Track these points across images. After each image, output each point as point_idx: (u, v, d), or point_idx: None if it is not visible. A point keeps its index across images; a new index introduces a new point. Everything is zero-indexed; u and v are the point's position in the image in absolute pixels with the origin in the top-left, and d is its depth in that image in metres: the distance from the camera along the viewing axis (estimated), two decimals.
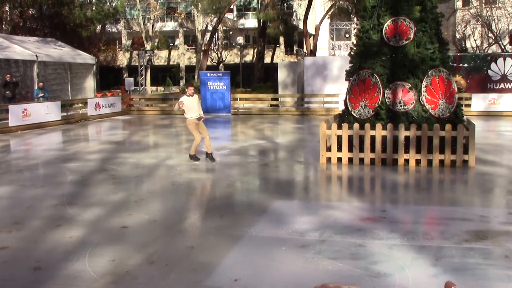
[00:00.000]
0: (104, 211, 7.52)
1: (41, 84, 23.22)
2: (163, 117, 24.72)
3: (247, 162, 11.84)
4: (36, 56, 24.61)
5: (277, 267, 5.29)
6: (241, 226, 6.62)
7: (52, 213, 7.50)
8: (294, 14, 49.68)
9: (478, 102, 23.85)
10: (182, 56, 54.68)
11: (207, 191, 9.25)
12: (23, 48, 24.71)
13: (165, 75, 57.52)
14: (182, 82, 51.16)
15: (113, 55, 55.83)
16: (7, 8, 34.44)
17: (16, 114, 18.89)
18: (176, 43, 59.62)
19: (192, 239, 6.23)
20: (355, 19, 40.01)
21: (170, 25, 59.34)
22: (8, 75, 22.19)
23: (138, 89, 36.63)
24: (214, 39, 48.67)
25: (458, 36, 43.49)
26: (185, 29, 56.27)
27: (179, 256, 5.62)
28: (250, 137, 16.65)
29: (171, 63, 57.80)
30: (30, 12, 35.23)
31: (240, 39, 60.73)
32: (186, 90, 11.82)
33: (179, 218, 7.16)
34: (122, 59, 58.15)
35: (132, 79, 35.94)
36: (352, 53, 12.12)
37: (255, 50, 47.49)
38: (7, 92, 21.90)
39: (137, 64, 39.27)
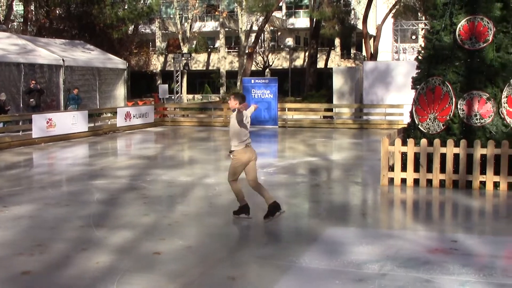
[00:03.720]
0: (134, 235, 7.69)
1: (76, 90, 24.08)
2: (200, 129, 25.05)
3: (296, 182, 11.87)
4: (63, 60, 25.43)
5: None
6: (288, 256, 6.65)
7: (77, 235, 7.72)
8: (352, 12, 49.71)
9: None
10: (223, 60, 55.40)
11: (250, 215, 9.30)
12: (48, 52, 25.60)
13: (203, 81, 58.36)
14: (223, 90, 51.79)
15: (146, 59, 57.07)
16: (32, 8, 35.79)
17: (40, 124, 19.53)
18: (216, 45, 60.46)
19: (233, 269, 6.29)
20: (423, 18, 39.67)
21: (210, 25, 60.26)
22: (33, 81, 22.96)
23: (173, 97, 37.26)
24: (259, 40, 49.14)
25: None
26: (227, 29, 57.05)
27: None
28: (299, 153, 16.68)
29: (210, 67, 58.58)
30: (57, 12, 36.53)
31: (290, 41, 61.06)
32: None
33: (217, 245, 7.24)
34: (156, 63, 59.32)
35: (166, 86, 36.64)
36: (419, 57, 12.05)
37: (307, 54, 47.67)
38: (31, 100, 22.67)
39: (172, 69, 40.02)
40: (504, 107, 10.86)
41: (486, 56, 11.07)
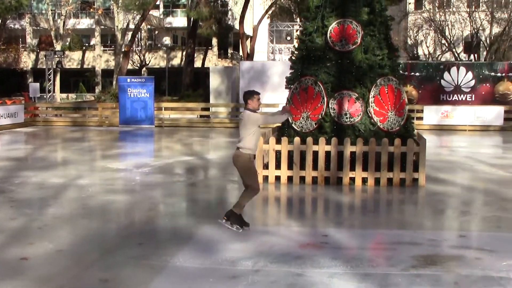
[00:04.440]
0: (0, 240, 7.29)
1: None
2: (74, 129, 24.24)
3: (172, 182, 11.79)
4: None
5: None
6: (162, 255, 6.58)
7: None
8: (230, 13, 50.17)
9: (430, 115, 24.79)
10: (99, 58, 53.97)
11: (124, 216, 9.11)
12: None
13: (78, 80, 56.51)
14: (98, 89, 50.43)
15: (15, 56, 54.35)
16: None
17: None
18: (91, 43, 58.76)
19: (105, 271, 6.12)
20: (297, 20, 40.80)
21: (85, 22, 58.47)
22: None
23: (45, 96, 35.76)
24: (136, 39, 48.30)
25: (409, 42, 45.10)
26: (102, 27, 55.58)
27: None
28: (176, 152, 16.59)
29: (85, 66, 56.85)
30: None
31: (167, 40, 60.58)
32: (250, 101, 7.63)
33: (90, 247, 7.02)
34: (27, 61, 56.68)
35: (37, 84, 35.01)
36: (293, 57, 12.33)
37: (184, 53, 47.47)
38: None
39: (44, 67, 38.41)
40: (371, 106, 11.39)
41: (355, 58, 11.55)
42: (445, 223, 8.80)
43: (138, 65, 52.93)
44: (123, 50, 43.33)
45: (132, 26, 47.80)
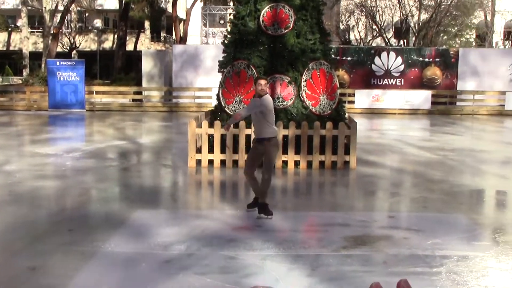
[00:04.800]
0: None
1: None
2: (0, 114, 23.43)
3: (104, 167, 11.59)
4: None
5: (137, 286, 5.25)
6: (94, 241, 6.48)
7: None
8: None
9: (362, 99, 25.31)
10: (26, 40, 52.17)
11: (54, 202, 8.91)
12: None
13: (3, 62, 54.51)
14: (26, 72, 48.86)
15: None
16: None
17: None
18: (18, 24, 56.72)
19: (34, 259, 5.98)
20: (231, 3, 40.63)
21: (10, 2, 56.32)
22: None
23: None
24: (66, 21, 46.99)
25: (341, 27, 45.73)
26: (29, 8, 53.71)
27: (18, 280, 5.38)
28: (108, 137, 16.30)
29: (11, 48, 54.94)
30: None
31: (98, 23, 59.17)
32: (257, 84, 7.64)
33: (18, 235, 6.83)
34: None
35: None
36: (226, 41, 12.29)
37: (116, 36, 46.55)
38: None
39: None
40: (303, 90, 11.51)
41: (288, 42, 11.62)
42: (375, 204, 9.03)
43: (68, 48, 51.55)
44: (52, 32, 42.07)
45: (61, 7, 46.44)
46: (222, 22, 35.24)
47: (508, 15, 43.20)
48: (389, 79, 26.71)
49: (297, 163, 11.26)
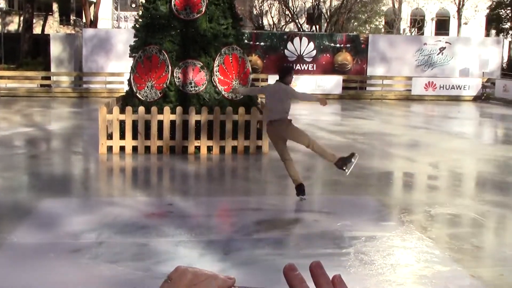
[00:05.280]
0: None
1: None
2: None
3: (10, 154, 11.18)
4: None
5: (44, 277, 5.12)
6: None
7: None
8: None
9: None
10: None
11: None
12: None
13: None
14: None
15: None
16: None
17: None
18: None
19: None
20: None
21: None
22: None
23: None
24: None
25: (255, 12, 45.94)
26: None
27: None
28: (14, 124, 15.69)
29: None
30: None
31: (2, 3, 56.69)
32: (289, 76, 8.80)
33: None
34: None
35: None
36: (137, 25, 12.09)
37: (22, 18, 44.74)
38: None
39: None
40: (216, 75, 11.50)
41: (200, 27, 11.56)
42: (287, 188, 9.16)
43: None
44: None
45: None
46: (134, 5, 34.62)
47: (414, 3, 44.74)
48: (301, 64, 27.10)
49: (209, 149, 11.27)
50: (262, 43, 26.97)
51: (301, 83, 25.62)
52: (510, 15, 41.43)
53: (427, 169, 10.54)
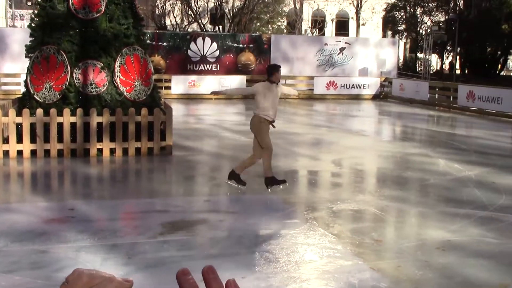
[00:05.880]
0: None
1: None
2: None
3: None
4: None
5: None
6: None
7: None
8: None
9: (178, 84, 25.43)
10: None
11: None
12: None
13: None
14: None
15: None
16: None
17: None
18: None
19: None
20: None
21: None
22: None
23: None
24: None
25: (157, 12, 45.47)
26: None
27: None
28: None
29: None
30: None
31: None
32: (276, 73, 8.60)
33: None
34: None
35: None
36: (33, 25, 11.68)
37: None
38: None
39: None
40: (117, 76, 11.29)
41: (100, 26, 11.31)
42: (192, 189, 9.16)
43: None
44: None
45: None
46: (29, 3, 33.36)
47: (314, 5, 45.84)
48: (205, 65, 27.07)
49: (112, 151, 11.05)
50: (165, 43, 26.72)
51: (204, 83, 25.61)
52: (404, 17, 43.33)
53: (329, 167, 10.83)
